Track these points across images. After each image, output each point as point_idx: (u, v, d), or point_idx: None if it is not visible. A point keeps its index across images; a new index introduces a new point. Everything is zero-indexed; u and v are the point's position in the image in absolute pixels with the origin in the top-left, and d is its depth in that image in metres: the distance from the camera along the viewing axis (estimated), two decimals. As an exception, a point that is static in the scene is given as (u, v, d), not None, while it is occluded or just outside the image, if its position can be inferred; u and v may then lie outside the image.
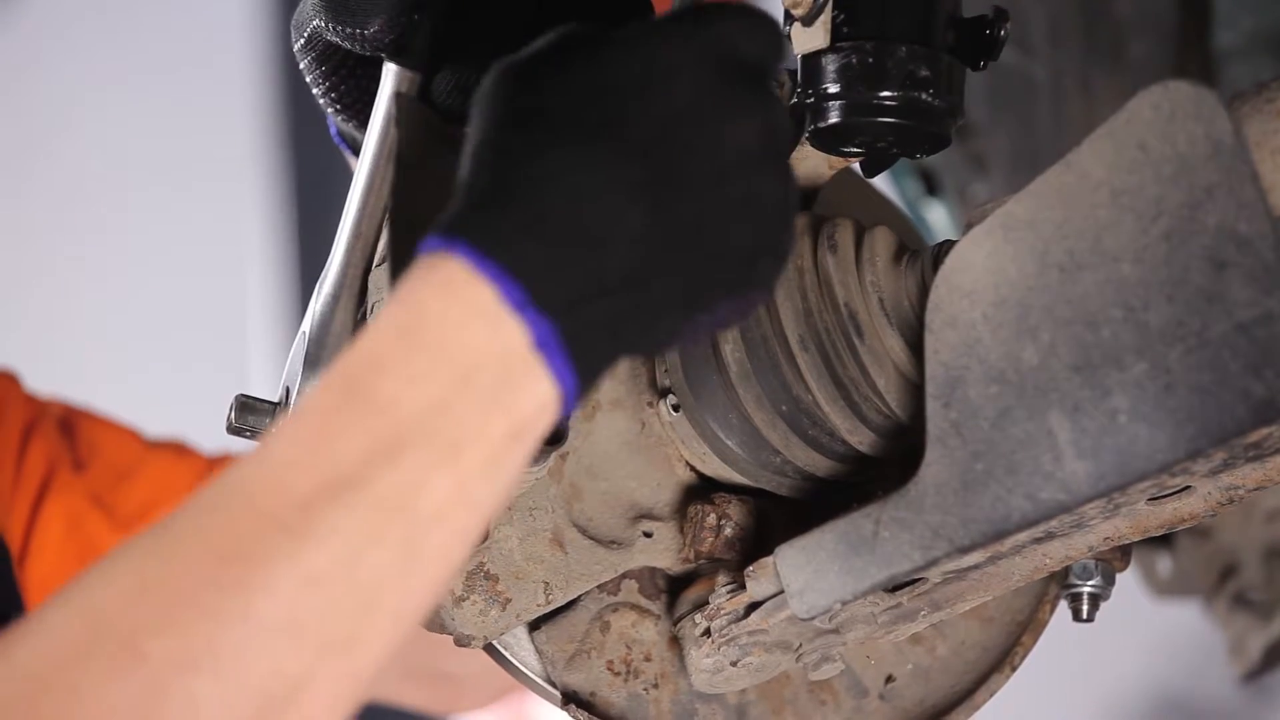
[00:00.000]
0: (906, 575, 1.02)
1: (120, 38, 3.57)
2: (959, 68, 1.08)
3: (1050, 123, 1.83)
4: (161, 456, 1.52)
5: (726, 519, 1.11)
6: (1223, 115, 0.92)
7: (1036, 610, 1.16)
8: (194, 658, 0.82)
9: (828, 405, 1.06)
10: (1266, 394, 0.90)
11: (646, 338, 0.93)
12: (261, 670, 0.83)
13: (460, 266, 0.88)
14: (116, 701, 0.81)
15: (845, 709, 1.15)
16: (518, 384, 0.88)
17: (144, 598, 0.83)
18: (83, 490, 1.47)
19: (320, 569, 0.84)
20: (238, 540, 0.84)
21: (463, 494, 0.87)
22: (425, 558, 0.86)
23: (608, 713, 1.12)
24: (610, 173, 0.90)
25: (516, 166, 0.90)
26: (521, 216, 0.89)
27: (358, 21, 1.09)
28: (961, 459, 0.99)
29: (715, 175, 0.92)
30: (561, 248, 0.89)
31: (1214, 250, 0.91)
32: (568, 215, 0.89)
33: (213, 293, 3.51)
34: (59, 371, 3.01)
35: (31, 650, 0.82)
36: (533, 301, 0.88)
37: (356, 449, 0.86)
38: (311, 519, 0.84)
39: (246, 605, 0.83)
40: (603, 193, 0.90)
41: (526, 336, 0.88)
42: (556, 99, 0.92)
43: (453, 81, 1.12)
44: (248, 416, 1.11)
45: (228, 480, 0.86)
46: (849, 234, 1.08)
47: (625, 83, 0.92)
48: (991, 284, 0.98)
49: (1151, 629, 2.50)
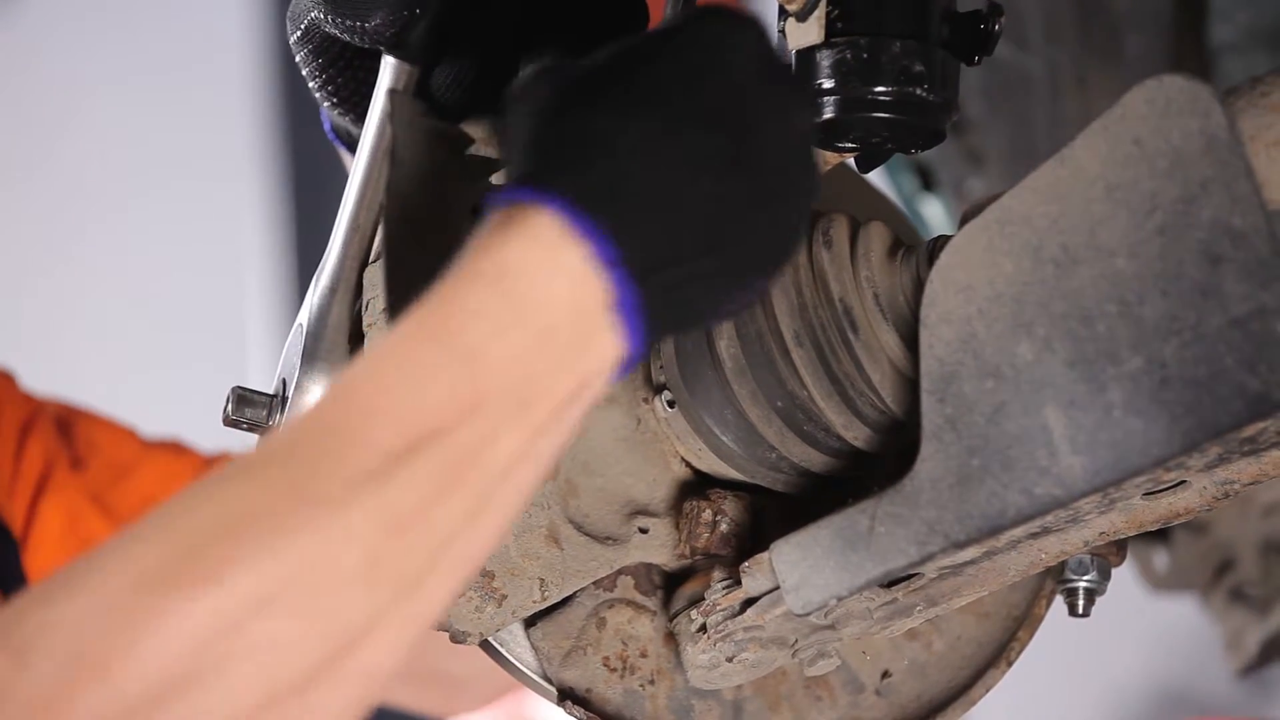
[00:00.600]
0: (902, 571, 1.02)
1: (119, 36, 3.57)
2: (954, 63, 1.08)
3: (1046, 118, 1.84)
4: (159, 455, 1.52)
5: (722, 515, 1.11)
6: (1217, 110, 0.92)
7: (1033, 605, 1.16)
8: (273, 594, 0.82)
9: (823, 401, 1.06)
10: (1261, 388, 0.90)
11: (707, 308, 0.95)
12: (337, 611, 0.84)
13: (552, 220, 0.89)
14: (195, 630, 0.81)
15: (841, 705, 1.15)
16: (589, 343, 0.89)
17: (229, 532, 0.83)
18: (81, 488, 1.47)
19: (400, 516, 0.85)
20: (323, 482, 0.84)
21: (529, 449, 0.88)
22: (493, 508, 0.88)
23: (604, 709, 1.12)
24: (687, 140, 0.91)
25: (593, 131, 0.91)
26: (607, 177, 0.90)
27: (359, 14, 1.09)
28: (957, 454, 0.99)
29: (779, 153, 0.94)
30: (646, 211, 0.90)
31: (1209, 245, 0.91)
32: (651, 179, 0.90)
33: (211, 289, 3.51)
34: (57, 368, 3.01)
35: (114, 572, 0.82)
36: (622, 261, 0.89)
37: (440, 398, 0.87)
38: (395, 467, 0.85)
39: (326, 547, 0.83)
40: (682, 159, 0.91)
41: (608, 296, 0.89)
42: (624, 75, 0.93)
43: (451, 76, 1.12)
44: (244, 409, 1.11)
45: (315, 419, 0.87)
46: (844, 229, 1.08)
47: (693, 61, 0.93)
48: (986, 279, 0.98)
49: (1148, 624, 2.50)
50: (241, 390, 1.11)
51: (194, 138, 3.51)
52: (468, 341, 0.88)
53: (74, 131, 3.60)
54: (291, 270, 3.47)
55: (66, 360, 3.41)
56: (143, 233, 3.57)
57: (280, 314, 3.45)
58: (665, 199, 0.90)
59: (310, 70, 1.15)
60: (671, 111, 0.92)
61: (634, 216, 0.90)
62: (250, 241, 3.51)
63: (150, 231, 3.56)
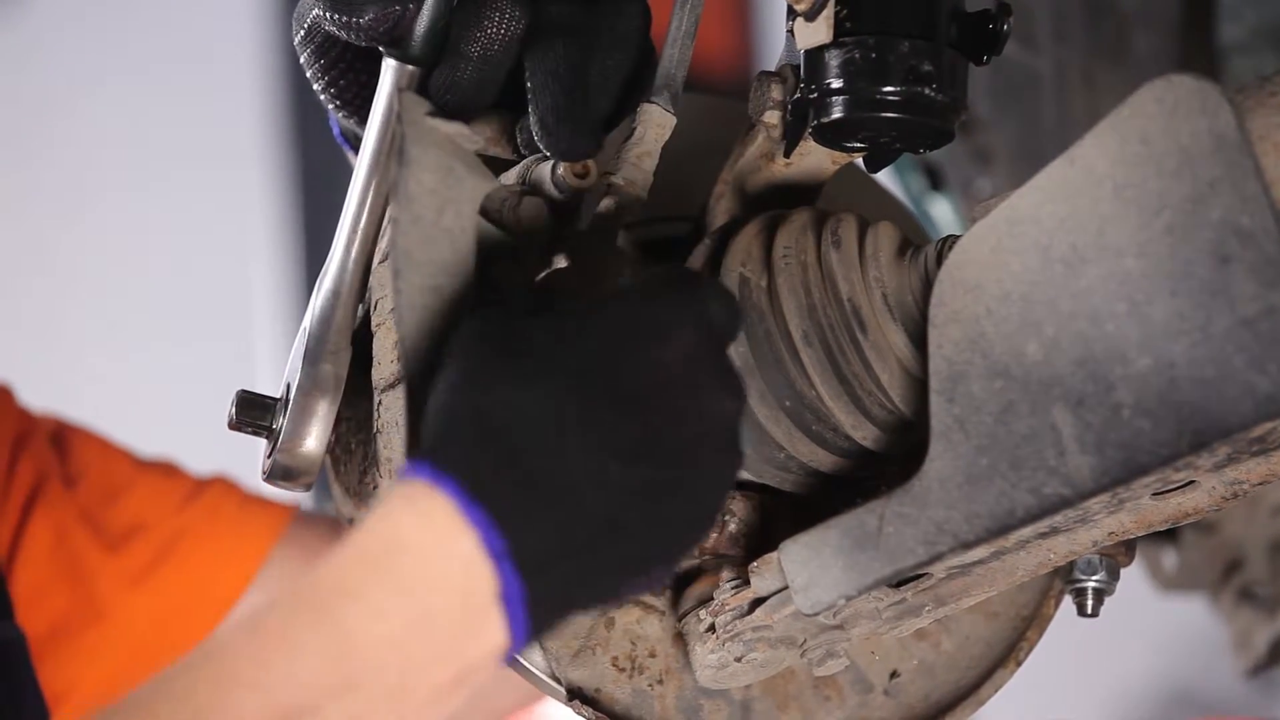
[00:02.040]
0: (911, 570, 1.02)
1: (122, 36, 3.57)
2: (962, 62, 1.08)
3: (1054, 117, 1.83)
4: (151, 476, 1.51)
5: (730, 515, 1.11)
6: (1226, 109, 0.92)
7: (1041, 605, 1.16)
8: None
9: (831, 401, 1.06)
10: (1271, 388, 0.90)
11: (599, 596, 0.94)
12: None
13: (445, 504, 0.88)
14: None
15: (850, 704, 1.15)
16: (474, 632, 0.89)
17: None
18: (72, 506, 1.46)
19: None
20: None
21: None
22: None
23: (612, 709, 1.12)
24: (599, 426, 0.91)
25: (504, 404, 0.91)
26: (508, 461, 0.90)
27: (353, 10, 1.09)
28: (965, 454, 0.98)
29: (694, 444, 0.93)
30: (543, 501, 0.89)
31: (1217, 244, 0.91)
32: (553, 467, 0.90)
33: (218, 289, 3.51)
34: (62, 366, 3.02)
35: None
36: (510, 554, 0.88)
37: (313, 677, 0.87)
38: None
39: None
40: (590, 447, 0.90)
41: (495, 587, 0.88)
42: (549, 339, 0.93)
43: (449, 78, 1.11)
44: (249, 412, 1.11)
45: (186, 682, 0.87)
46: (852, 229, 1.08)
47: (620, 335, 0.93)
48: (995, 278, 0.98)
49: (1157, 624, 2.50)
50: (246, 394, 1.11)
51: (198, 138, 3.51)
52: (345, 621, 0.87)
53: (79, 127, 3.60)
54: (299, 272, 3.47)
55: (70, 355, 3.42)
56: (146, 233, 3.57)
57: (287, 316, 3.45)
58: (564, 488, 0.90)
59: (314, 72, 1.15)
60: (585, 395, 0.91)
61: (528, 506, 0.89)
62: (257, 242, 3.51)
63: (154, 232, 3.56)
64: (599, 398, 0.91)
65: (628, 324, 0.94)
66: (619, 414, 0.91)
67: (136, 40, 3.57)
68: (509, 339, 0.93)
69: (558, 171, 1.07)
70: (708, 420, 0.94)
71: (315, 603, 0.88)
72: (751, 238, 1.08)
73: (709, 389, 0.94)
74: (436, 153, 1.05)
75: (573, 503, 0.90)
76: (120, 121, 3.58)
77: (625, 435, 0.91)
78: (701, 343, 0.95)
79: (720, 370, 0.96)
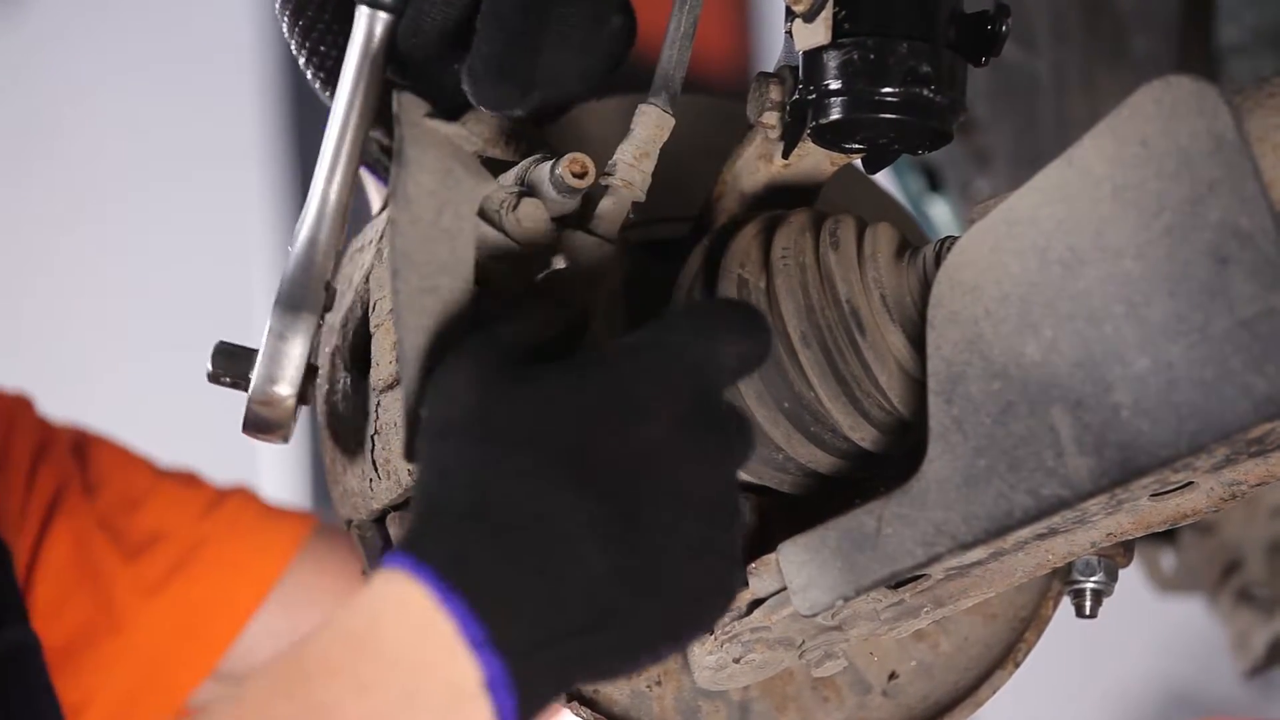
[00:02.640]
0: (909, 571, 1.02)
1: (124, 32, 3.58)
2: (961, 63, 1.08)
3: (1052, 118, 1.83)
4: (171, 486, 1.51)
5: (729, 516, 1.11)
6: (1224, 110, 0.92)
7: (1040, 606, 1.16)
8: None
9: (830, 402, 1.06)
10: (1269, 389, 0.90)
11: (590, 678, 0.95)
12: None
13: (423, 592, 0.88)
14: None
15: (848, 706, 1.15)
16: (459, 717, 0.88)
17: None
18: (92, 515, 1.46)
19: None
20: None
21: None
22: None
23: (611, 710, 1.12)
24: (579, 511, 0.90)
25: (485, 486, 0.90)
26: (488, 547, 0.89)
27: None
28: (964, 455, 0.98)
29: (676, 521, 0.92)
30: (524, 588, 0.89)
31: (1216, 245, 0.91)
32: (534, 552, 0.89)
33: (218, 289, 3.51)
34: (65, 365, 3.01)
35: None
36: (491, 642, 0.88)
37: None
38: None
39: None
40: (571, 532, 0.90)
41: (478, 674, 0.88)
42: (531, 418, 0.92)
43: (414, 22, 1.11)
44: (227, 364, 1.11)
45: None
46: (851, 230, 1.08)
47: (602, 413, 0.92)
48: (993, 280, 0.98)
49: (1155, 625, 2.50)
50: (224, 344, 1.11)
51: (198, 138, 3.52)
52: (327, 697, 0.87)
53: (79, 128, 3.60)
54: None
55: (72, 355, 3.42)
56: (147, 233, 3.57)
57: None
58: (546, 574, 0.89)
59: (296, 39, 1.15)
60: (567, 466, 0.90)
61: (508, 595, 0.89)
62: (257, 243, 3.51)
63: (154, 232, 3.56)
64: (583, 478, 0.90)
65: (612, 398, 0.93)
66: (597, 498, 0.90)
67: (136, 41, 3.57)
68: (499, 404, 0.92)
69: (556, 172, 1.07)
70: (686, 497, 0.93)
71: (298, 676, 0.88)
72: (750, 239, 1.08)
73: (685, 463, 0.93)
74: (435, 154, 1.05)
75: (556, 589, 0.89)
76: (120, 122, 3.58)
77: (602, 519, 0.90)
78: (679, 415, 0.93)
79: (698, 442, 0.94)
